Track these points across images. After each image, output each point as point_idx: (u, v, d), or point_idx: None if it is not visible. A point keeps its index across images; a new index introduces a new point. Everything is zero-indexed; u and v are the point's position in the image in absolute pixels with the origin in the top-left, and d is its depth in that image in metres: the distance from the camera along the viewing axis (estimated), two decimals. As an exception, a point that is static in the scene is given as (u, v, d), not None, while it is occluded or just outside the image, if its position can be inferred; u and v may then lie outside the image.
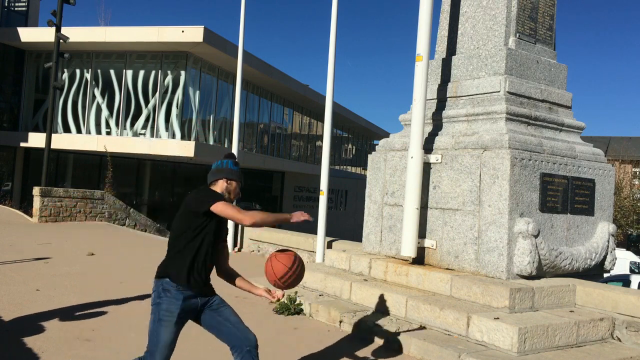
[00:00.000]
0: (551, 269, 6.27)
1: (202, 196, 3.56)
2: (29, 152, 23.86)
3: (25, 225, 13.82)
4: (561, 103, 7.32)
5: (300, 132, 35.27)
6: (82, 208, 15.41)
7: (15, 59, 23.90)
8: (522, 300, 5.60)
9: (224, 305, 3.75)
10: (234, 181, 3.79)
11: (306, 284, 7.44)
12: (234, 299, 7.16)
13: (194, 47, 20.88)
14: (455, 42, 7.57)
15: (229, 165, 3.82)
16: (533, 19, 7.25)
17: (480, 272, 6.22)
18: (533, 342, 5.03)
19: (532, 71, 7.13)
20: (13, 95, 24.38)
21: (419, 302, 5.85)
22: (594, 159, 7.14)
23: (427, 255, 6.81)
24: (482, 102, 6.87)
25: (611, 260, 6.99)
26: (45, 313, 5.75)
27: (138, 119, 22.37)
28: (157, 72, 22.17)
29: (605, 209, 7.11)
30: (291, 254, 3.91)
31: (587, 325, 5.45)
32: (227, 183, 3.75)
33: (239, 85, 12.74)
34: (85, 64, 23.02)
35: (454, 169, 6.60)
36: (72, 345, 4.81)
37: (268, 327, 5.86)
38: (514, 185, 6.06)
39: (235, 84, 14.62)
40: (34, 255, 9.31)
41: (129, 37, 20.90)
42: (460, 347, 5.00)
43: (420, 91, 6.70)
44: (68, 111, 23.06)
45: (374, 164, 7.71)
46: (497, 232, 6.08)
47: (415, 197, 6.62)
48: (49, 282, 7.31)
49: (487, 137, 6.42)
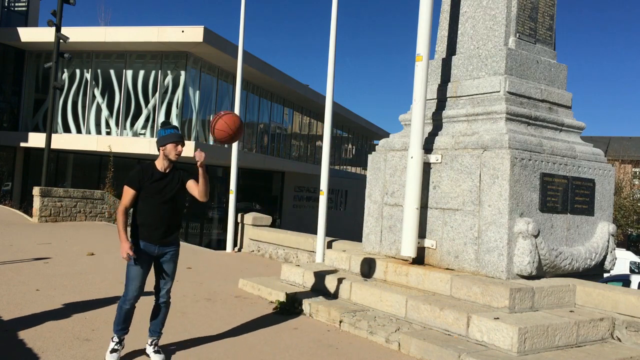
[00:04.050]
0: (551, 269, 6.27)
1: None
2: (29, 152, 23.86)
3: (25, 225, 13.82)
4: (561, 103, 7.32)
5: (300, 132, 35.25)
6: (82, 208, 15.41)
7: (15, 59, 23.90)
8: (522, 300, 5.60)
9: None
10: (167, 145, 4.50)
11: (306, 284, 7.44)
12: (235, 299, 7.16)
13: (194, 47, 20.87)
14: (455, 42, 7.57)
15: (159, 133, 4.58)
16: (533, 19, 7.25)
17: (480, 272, 6.21)
18: (533, 342, 5.03)
19: (532, 71, 7.12)
20: (13, 95, 24.37)
21: (419, 302, 5.85)
22: (594, 159, 7.14)
23: (427, 255, 6.81)
24: (482, 102, 6.87)
25: (611, 260, 6.99)
26: (45, 313, 5.75)
27: (138, 119, 22.36)
28: (157, 72, 22.16)
29: (605, 209, 7.11)
30: (236, 118, 4.86)
31: (587, 325, 5.45)
32: (162, 151, 4.52)
33: (239, 85, 12.74)
34: (85, 64, 23.02)
35: (454, 169, 6.60)
36: (72, 345, 4.81)
37: (268, 327, 5.86)
38: (514, 185, 6.06)
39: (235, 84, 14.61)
40: (34, 255, 9.31)
41: (129, 37, 20.90)
42: (460, 347, 5.00)
43: (420, 91, 6.70)
44: (68, 111, 23.05)
45: (374, 164, 7.70)
46: (497, 232, 6.08)
47: (415, 197, 6.62)
48: (49, 282, 7.31)
49: (487, 137, 6.42)
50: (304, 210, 34.81)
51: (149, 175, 4.52)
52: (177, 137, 4.53)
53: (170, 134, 4.53)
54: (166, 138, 4.52)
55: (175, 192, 4.59)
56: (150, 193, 4.49)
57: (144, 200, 4.49)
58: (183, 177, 4.65)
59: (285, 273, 7.88)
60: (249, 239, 12.26)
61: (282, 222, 31.23)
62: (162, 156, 4.55)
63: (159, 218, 4.51)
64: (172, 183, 4.57)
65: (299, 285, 7.53)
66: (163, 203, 4.53)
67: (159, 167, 4.57)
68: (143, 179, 4.49)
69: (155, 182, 4.50)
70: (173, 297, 4.95)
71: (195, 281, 8.15)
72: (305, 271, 7.54)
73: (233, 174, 12.50)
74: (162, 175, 4.56)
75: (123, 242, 4.32)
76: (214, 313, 6.32)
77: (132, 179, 4.48)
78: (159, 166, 4.58)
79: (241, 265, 10.24)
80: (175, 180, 4.59)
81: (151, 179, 4.51)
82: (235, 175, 12.51)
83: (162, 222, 4.52)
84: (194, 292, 7.38)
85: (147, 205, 4.50)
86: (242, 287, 7.86)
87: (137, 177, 4.48)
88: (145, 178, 4.50)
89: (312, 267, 7.96)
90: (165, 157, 4.54)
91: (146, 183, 4.48)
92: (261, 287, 7.50)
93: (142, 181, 4.48)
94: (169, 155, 4.53)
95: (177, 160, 4.58)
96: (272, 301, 7.03)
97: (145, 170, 4.53)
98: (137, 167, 4.54)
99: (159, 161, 4.57)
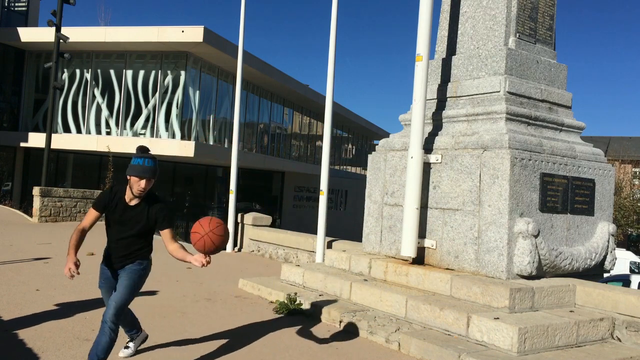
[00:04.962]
0: (551, 269, 6.27)
1: None
2: (29, 152, 23.85)
3: (25, 225, 13.82)
4: (561, 103, 7.32)
5: (300, 132, 35.24)
6: (82, 208, 15.41)
7: (15, 59, 23.89)
8: (522, 300, 5.60)
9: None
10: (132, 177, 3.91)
11: (306, 284, 7.44)
12: (235, 299, 7.16)
13: (194, 47, 20.87)
14: (455, 42, 7.57)
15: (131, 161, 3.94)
16: (533, 19, 7.25)
17: (480, 272, 6.21)
18: (533, 342, 5.03)
19: (532, 71, 7.12)
20: (13, 95, 24.37)
21: (419, 302, 5.85)
22: (594, 159, 7.14)
23: (427, 255, 6.81)
24: (482, 102, 6.87)
25: (611, 260, 6.99)
26: (45, 313, 5.75)
27: (138, 119, 22.35)
28: (157, 72, 22.16)
29: (605, 209, 7.11)
30: (224, 225, 3.94)
31: (587, 325, 5.45)
32: (129, 178, 3.92)
33: (239, 85, 12.74)
34: (85, 64, 23.01)
35: (454, 169, 6.60)
36: (72, 345, 4.81)
37: (268, 327, 5.86)
38: (514, 185, 6.06)
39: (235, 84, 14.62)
40: (34, 255, 9.30)
41: (129, 37, 20.89)
42: (460, 347, 5.00)
43: (420, 91, 6.70)
44: (68, 111, 23.05)
45: (374, 164, 7.70)
46: (497, 232, 6.08)
47: (415, 197, 6.62)
48: (49, 282, 7.31)
49: (487, 137, 6.42)
50: (304, 210, 34.81)
51: (115, 201, 4.04)
52: (141, 172, 3.90)
53: (135, 166, 3.92)
54: (132, 168, 3.92)
55: (138, 229, 4.04)
56: (111, 222, 4.07)
57: (108, 226, 4.13)
58: (156, 215, 4.05)
59: (285, 273, 7.88)
60: (249, 239, 12.26)
61: (282, 222, 31.22)
62: (129, 186, 3.99)
63: (116, 249, 4.11)
64: (136, 217, 4.02)
65: (299, 285, 7.53)
66: (121, 239, 4.06)
67: (126, 197, 4.04)
68: (109, 204, 4.03)
69: (118, 213, 4.01)
70: (173, 297, 4.95)
71: (195, 281, 8.15)
72: (305, 271, 7.54)
73: (233, 174, 12.51)
74: (125, 207, 4.03)
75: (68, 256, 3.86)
76: (214, 313, 6.32)
77: (98, 200, 4.05)
78: (126, 196, 4.03)
79: (241, 265, 10.24)
80: (141, 216, 4.03)
81: (115, 207, 4.03)
82: (235, 175, 12.51)
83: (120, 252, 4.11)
84: (194, 292, 7.38)
85: (109, 231, 4.13)
86: (242, 287, 7.87)
87: (104, 200, 4.03)
88: (111, 203, 4.03)
89: (312, 267, 7.96)
90: (130, 187, 3.99)
91: (110, 209, 4.03)
92: (261, 287, 7.50)
93: (107, 206, 4.03)
94: (132, 187, 3.96)
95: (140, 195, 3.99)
96: (272, 301, 7.03)
97: (113, 194, 4.06)
98: (109, 188, 4.15)
99: (127, 190, 4.03)
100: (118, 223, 4.02)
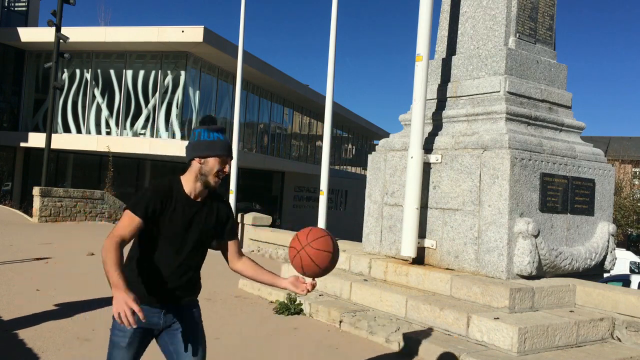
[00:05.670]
0: (551, 269, 6.26)
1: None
2: (29, 152, 23.86)
3: (25, 225, 13.82)
4: (561, 103, 7.32)
5: (300, 132, 35.26)
6: (82, 208, 15.41)
7: (15, 59, 23.90)
8: (522, 300, 5.60)
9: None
10: (210, 157, 2.67)
11: (306, 284, 7.43)
12: (235, 299, 7.16)
13: (194, 47, 20.88)
14: (455, 42, 7.57)
15: (201, 136, 2.68)
16: (533, 19, 7.25)
17: (480, 272, 6.21)
18: (533, 342, 5.03)
19: (532, 71, 7.12)
20: (13, 95, 24.38)
21: (419, 302, 5.85)
22: (594, 159, 7.14)
23: (427, 255, 6.81)
24: (482, 102, 6.87)
25: (611, 260, 6.99)
26: (45, 313, 5.75)
27: (138, 119, 22.37)
28: (157, 72, 22.17)
29: (605, 209, 7.11)
30: (327, 237, 2.79)
31: (587, 325, 5.45)
32: (201, 163, 2.67)
33: (239, 85, 12.75)
34: (85, 64, 23.02)
35: (454, 169, 6.60)
36: (72, 345, 4.81)
37: (268, 327, 5.87)
38: (514, 185, 6.06)
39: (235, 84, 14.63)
40: (34, 255, 9.30)
41: (129, 37, 20.91)
42: (460, 347, 5.00)
43: (420, 91, 6.70)
44: (68, 111, 23.06)
45: (374, 164, 7.70)
46: (497, 232, 6.08)
47: (415, 197, 6.62)
48: (49, 282, 7.31)
49: (487, 137, 6.42)
50: (304, 210, 34.81)
51: (173, 202, 2.66)
52: (227, 150, 2.70)
53: (215, 142, 2.67)
54: (210, 146, 2.66)
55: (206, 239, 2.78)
56: (162, 236, 2.64)
57: (153, 241, 2.64)
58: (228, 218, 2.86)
59: (285, 273, 7.88)
60: (249, 239, 12.26)
61: (282, 222, 31.23)
62: (196, 173, 2.69)
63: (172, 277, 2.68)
64: (204, 217, 2.74)
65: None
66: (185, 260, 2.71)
67: (187, 190, 2.70)
68: (165, 206, 2.63)
69: (178, 217, 2.65)
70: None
71: (195, 281, 8.15)
72: (305, 271, 7.53)
73: (233, 174, 12.52)
74: (191, 202, 2.71)
75: (118, 289, 2.30)
76: (214, 313, 6.32)
77: (138, 202, 2.59)
78: (188, 188, 2.71)
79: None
80: (210, 216, 2.77)
81: (173, 209, 2.65)
82: (235, 175, 12.53)
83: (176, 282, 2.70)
84: (194, 292, 7.37)
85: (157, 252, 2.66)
86: (242, 287, 7.87)
87: (156, 199, 2.61)
88: (168, 205, 2.64)
89: (312, 267, 7.95)
90: (201, 175, 2.69)
91: (166, 213, 2.63)
92: (261, 287, 7.50)
93: (162, 209, 2.61)
94: (208, 175, 2.68)
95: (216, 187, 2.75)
96: (272, 301, 7.03)
97: (163, 192, 2.65)
98: (151, 186, 2.69)
99: (187, 180, 2.71)
100: (179, 235, 2.67)
